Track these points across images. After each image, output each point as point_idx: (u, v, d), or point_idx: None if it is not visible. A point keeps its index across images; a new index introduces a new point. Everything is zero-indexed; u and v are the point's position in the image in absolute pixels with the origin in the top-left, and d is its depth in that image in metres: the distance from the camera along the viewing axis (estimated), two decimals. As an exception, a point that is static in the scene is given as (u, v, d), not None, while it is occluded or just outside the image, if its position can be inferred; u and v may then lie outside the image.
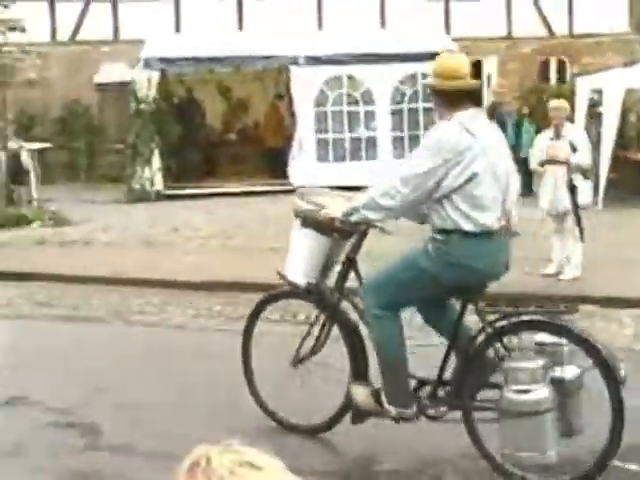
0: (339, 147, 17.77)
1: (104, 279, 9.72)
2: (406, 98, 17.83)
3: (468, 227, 4.34)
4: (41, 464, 4.76)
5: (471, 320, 4.75)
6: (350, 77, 17.80)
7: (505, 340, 4.41)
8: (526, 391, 4.18)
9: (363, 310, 4.77)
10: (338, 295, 4.98)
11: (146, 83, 17.47)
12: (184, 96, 19.87)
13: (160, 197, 16.87)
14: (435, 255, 4.41)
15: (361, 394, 4.72)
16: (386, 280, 4.69)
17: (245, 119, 20.98)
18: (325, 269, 4.95)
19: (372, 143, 17.81)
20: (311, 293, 5.00)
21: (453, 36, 18.98)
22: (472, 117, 4.47)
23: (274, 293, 5.43)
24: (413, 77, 17.55)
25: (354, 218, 4.56)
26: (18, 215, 13.74)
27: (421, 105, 17.42)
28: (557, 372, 4.28)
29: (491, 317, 4.48)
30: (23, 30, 16.19)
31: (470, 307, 4.53)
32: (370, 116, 17.82)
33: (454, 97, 4.49)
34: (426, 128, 13.61)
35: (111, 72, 21.26)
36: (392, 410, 4.56)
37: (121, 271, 9.96)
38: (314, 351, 5.05)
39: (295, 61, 17.53)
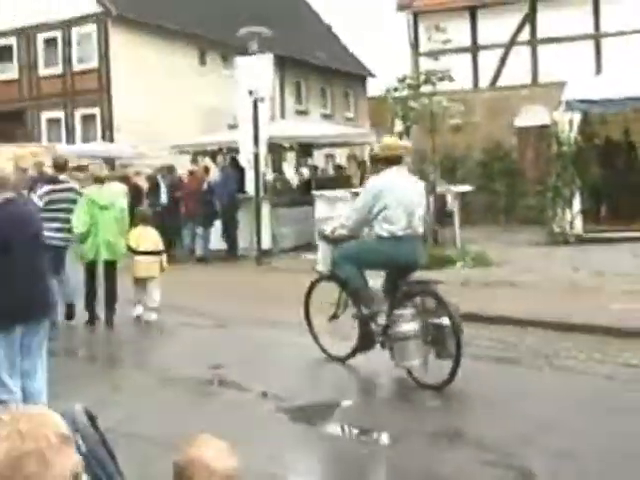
0: None
1: (528, 321, 9.77)
2: None
3: (384, 233, 7.46)
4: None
5: None
6: None
7: (410, 300, 7.42)
8: (403, 326, 7.23)
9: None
10: None
11: (567, 125, 17.33)
12: (607, 137, 19.36)
13: (580, 240, 16.56)
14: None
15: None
16: (352, 248, 7.88)
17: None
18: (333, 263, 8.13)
19: None
20: (331, 276, 8.21)
21: None
22: (394, 172, 7.60)
23: (317, 278, 8.62)
24: None
25: (335, 233, 8.19)
26: (443, 256, 14.34)
27: None
28: (435, 320, 7.20)
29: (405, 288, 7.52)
30: (450, 79, 17.04)
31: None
32: None
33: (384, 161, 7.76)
34: None
35: (531, 115, 21.46)
36: (366, 310, 7.77)
37: (545, 314, 9.94)
38: (337, 311, 8.31)
39: None
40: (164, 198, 18.25)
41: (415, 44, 23.23)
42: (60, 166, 10.93)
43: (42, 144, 28.10)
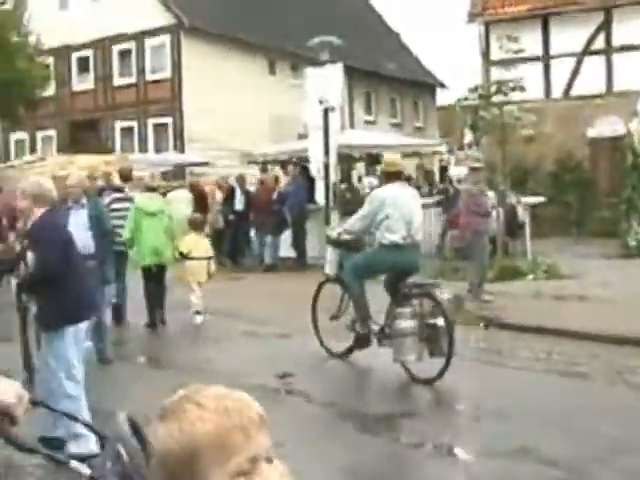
0: None
1: (603, 336, 9.56)
2: None
3: (385, 241, 8.20)
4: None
5: None
6: None
7: (409, 301, 8.14)
8: (402, 324, 7.97)
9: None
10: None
11: (643, 136, 17.01)
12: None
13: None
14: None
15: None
16: (359, 261, 8.57)
17: None
18: (339, 265, 9.01)
19: None
20: (337, 279, 9.04)
21: None
22: (396, 186, 8.37)
23: (324, 280, 9.40)
24: None
25: (340, 238, 8.88)
26: (513, 267, 14.16)
27: None
28: (431, 320, 7.86)
29: (406, 290, 8.21)
30: (522, 89, 16.84)
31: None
32: None
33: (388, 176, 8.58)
34: None
35: (604, 126, 21.10)
36: (360, 329, 8.49)
37: (619, 329, 9.72)
38: (339, 312, 9.06)
39: None
40: (240, 206, 18.46)
41: (486, 54, 23.05)
42: (125, 176, 11.19)
43: (115, 153, 28.67)
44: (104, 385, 7.84)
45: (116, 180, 12.13)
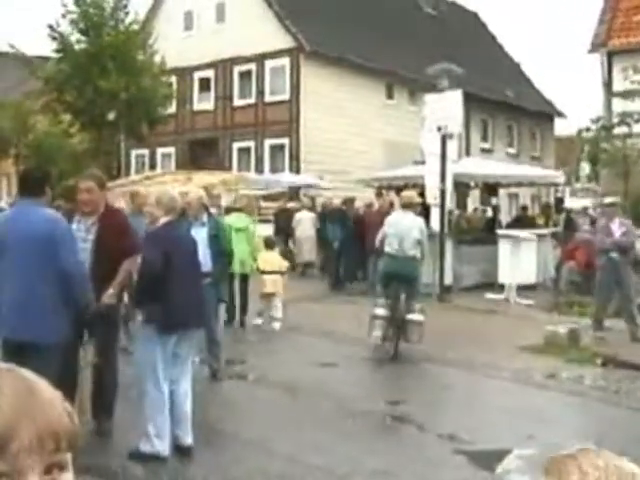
0: None
1: None
2: None
3: (385, 251, 10.76)
4: None
5: None
6: None
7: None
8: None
9: None
10: None
11: None
12: None
13: None
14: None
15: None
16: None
17: None
18: None
19: None
20: None
21: None
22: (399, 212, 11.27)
23: None
24: None
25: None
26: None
27: None
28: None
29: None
30: (647, 122, 16.48)
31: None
32: None
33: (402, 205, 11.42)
34: None
35: None
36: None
37: None
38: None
39: None
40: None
41: (608, 84, 22.58)
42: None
43: (232, 172, 29.29)
44: (213, 402, 8.05)
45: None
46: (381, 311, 10.55)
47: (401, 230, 10.68)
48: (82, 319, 5.91)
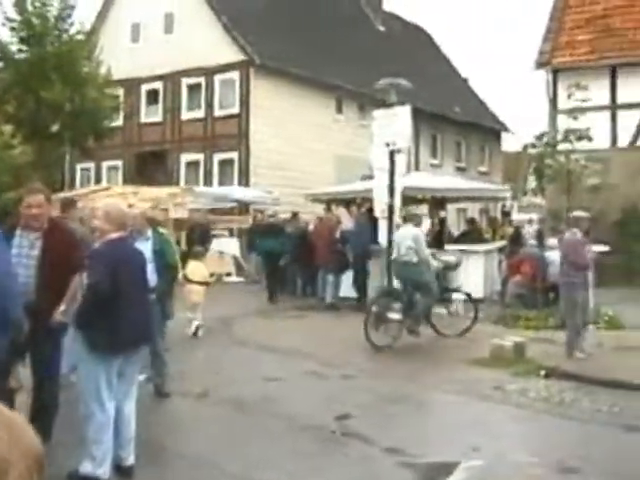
0: None
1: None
2: None
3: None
4: None
5: None
6: None
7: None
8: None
9: None
10: None
11: None
12: None
13: None
14: None
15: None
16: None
17: None
18: None
19: None
20: None
21: None
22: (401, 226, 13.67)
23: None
24: None
25: None
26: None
27: None
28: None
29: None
30: (589, 139, 16.77)
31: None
32: None
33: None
34: None
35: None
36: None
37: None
38: None
39: None
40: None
41: (553, 101, 22.96)
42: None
43: (180, 186, 29.11)
44: (158, 420, 7.96)
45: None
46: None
47: (398, 239, 12.93)
48: (16, 337, 5.53)
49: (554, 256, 14.51)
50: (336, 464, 6.79)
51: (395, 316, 12.44)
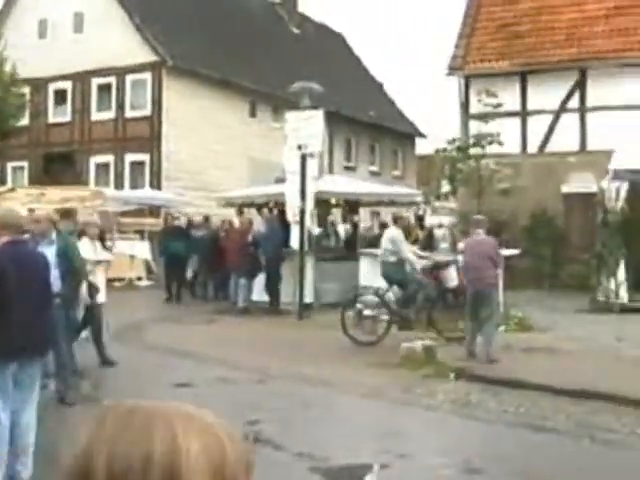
0: None
1: (570, 391, 9.58)
2: None
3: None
4: None
5: None
6: None
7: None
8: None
9: None
10: None
11: (614, 194, 17.22)
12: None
13: (624, 310, 16.30)
14: None
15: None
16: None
17: None
18: None
19: None
20: None
21: None
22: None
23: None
24: None
25: None
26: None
27: None
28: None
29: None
30: (500, 143, 17.09)
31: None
32: None
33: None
34: None
35: (578, 182, 21.35)
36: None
37: (587, 384, 9.75)
38: None
39: None
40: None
41: (465, 106, 23.32)
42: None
43: (89, 187, 28.51)
44: (60, 430, 7.73)
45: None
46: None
47: (383, 241, 13.88)
48: None
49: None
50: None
51: (371, 313, 13.12)
